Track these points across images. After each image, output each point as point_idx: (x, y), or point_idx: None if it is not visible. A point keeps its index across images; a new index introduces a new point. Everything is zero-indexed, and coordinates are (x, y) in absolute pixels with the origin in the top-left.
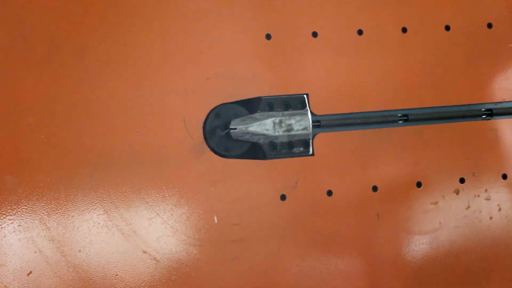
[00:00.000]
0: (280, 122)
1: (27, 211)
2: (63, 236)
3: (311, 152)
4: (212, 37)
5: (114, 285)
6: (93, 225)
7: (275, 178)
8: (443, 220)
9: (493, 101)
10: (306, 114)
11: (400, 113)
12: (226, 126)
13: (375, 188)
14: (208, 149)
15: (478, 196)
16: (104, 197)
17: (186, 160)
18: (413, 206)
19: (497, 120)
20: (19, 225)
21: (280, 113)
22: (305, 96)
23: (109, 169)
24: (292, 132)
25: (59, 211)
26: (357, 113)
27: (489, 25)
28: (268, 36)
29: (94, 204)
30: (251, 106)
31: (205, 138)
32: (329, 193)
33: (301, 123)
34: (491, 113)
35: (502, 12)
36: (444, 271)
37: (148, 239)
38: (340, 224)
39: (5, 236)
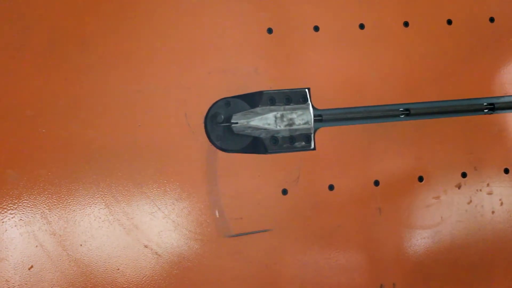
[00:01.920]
0: (282, 116)
1: (28, 205)
2: (64, 230)
3: (312, 146)
4: (214, 31)
5: (116, 279)
6: (95, 220)
7: (276, 172)
8: (445, 215)
9: (495, 95)
10: (308, 108)
11: (402, 107)
12: (228, 120)
13: (376, 183)
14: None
15: (480, 190)
16: (106, 192)
17: (188, 154)
18: (415, 201)
19: (499, 114)
20: (20, 219)
21: (282, 107)
22: (306, 90)
23: (110, 163)
24: (294, 127)
25: (61, 205)
26: (359, 107)
27: (491, 19)
28: (270, 30)
29: (95, 199)
30: (253, 100)
31: (206, 132)
32: (331, 187)
33: (302, 118)
34: (493, 108)
35: (504, 6)
36: (446, 265)
37: (149, 234)
38: (341, 219)
39: (6, 231)
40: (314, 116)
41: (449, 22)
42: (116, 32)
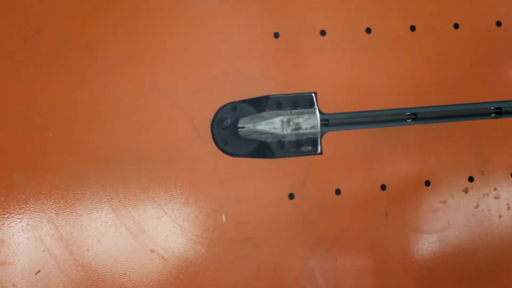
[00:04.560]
0: (288, 120)
1: (35, 210)
2: (71, 235)
3: (319, 150)
4: (220, 35)
5: (122, 284)
6: (101, 224)
7: (283, 177)
8: (452, 219)
9: (502, 100)
10: (314, 112)
11: (409, 111)
12: (234, 124)
13: (383, 187)
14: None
15: (487, 194)
16: (112, 196)
17: (194, 159)
18: (422, 205)
19: (506, 118)
20: (27, 224)
21: (288, 111)
22: (313, 94)
23: (117, 168)
24: (300, 131)
25: (67, 210)
26: (366, 111)
27: (498, 23)
28: (276, 35)
29: (102, 203)
30: (259, 105)
31: (213, 136)
32: (338, 192)
33: (309, 122)
34: (500, 112)
35: (511, 10)
36: (453, 270)
37: (156, 238)
38: (348, 223)
39: (13, 235)
40: (321, 120)
41: (456, 26)
42: (122, 37)
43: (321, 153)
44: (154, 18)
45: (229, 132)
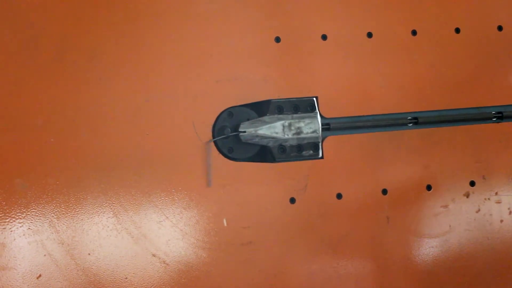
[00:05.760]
0: (290, 125)
1: (37, 214)
2: (72, 239)
3: (320, 155)
4: (222, 40)
5: None
6: (103, 228)
7: (284, 181)
8: (453, 223)
9: (503, 104)
10: (316, 117)
11: (410, 116)
12: (236, 128)
13: (384, 191)
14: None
15: (489, 199)
16: (114, 200)
17: (196, 163)
18: (423, 209)
19: (508, 122)
20: (29, 228)
21: (290, 116)
22: (314, 99)
23: (118, 172)
24: (302, 135)
25: (69, 214)
26: (367, 116)
27: (500, 28)
28: (278, 39)
29: (103, 207)
30: (261, 109)
31: (214, 141)
32: (339, 196)
33: (310, 126)
34: (501, 116)
35: None
36: (454, 274)
37: (157, 242)
38: (349, 228)
39: (14, 240)
40: (322, 124)
41: (457, 30)
42: (124, 41)
43: (322, 157)
44: (156, 23)
45: (231, 136)
